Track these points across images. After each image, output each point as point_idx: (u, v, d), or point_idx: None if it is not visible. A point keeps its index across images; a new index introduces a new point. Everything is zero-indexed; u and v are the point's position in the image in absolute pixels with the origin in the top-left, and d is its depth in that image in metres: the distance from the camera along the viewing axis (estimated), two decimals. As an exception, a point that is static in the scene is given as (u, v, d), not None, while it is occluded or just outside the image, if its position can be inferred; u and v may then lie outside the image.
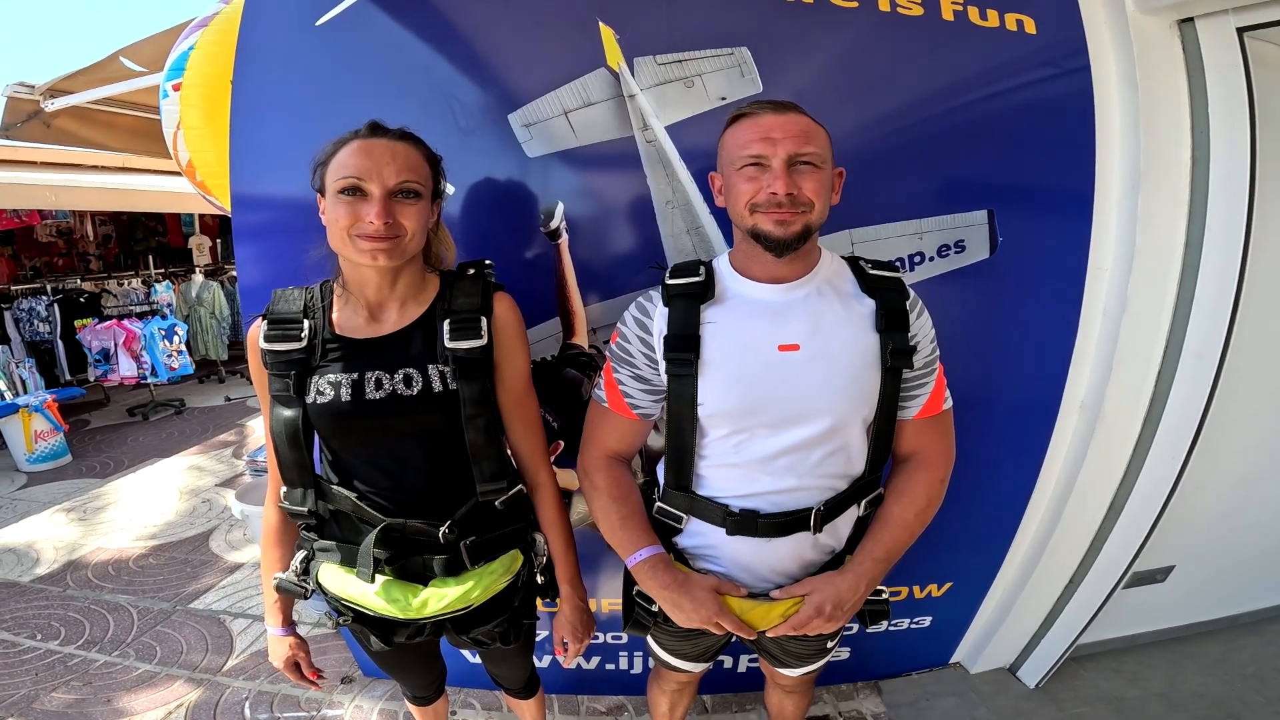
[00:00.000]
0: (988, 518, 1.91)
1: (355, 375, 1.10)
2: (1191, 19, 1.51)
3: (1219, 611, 2.39)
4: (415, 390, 1.11)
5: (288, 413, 1.11)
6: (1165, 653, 2.30)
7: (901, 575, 1.95)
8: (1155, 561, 2.11)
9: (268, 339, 1.12)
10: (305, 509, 1.17)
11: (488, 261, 1.25)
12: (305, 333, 1.12)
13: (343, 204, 1.04)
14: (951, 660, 2.26)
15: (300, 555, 1.25)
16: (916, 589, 1.99)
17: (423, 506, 1.17)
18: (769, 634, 1.19)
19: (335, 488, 1.17)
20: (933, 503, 1.20)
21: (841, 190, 1.17)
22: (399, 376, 1.11)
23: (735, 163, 1.10)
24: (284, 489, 1.19)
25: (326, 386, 1.10)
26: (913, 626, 2.08)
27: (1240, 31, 1.49)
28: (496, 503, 1.21)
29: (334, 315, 1.15)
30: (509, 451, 1.30)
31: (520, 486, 1.25)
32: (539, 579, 1.33)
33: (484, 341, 1.13)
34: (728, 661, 2.09)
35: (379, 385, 1.10)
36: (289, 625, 1.33)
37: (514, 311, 1.19)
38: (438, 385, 1.11)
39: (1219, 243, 1.56)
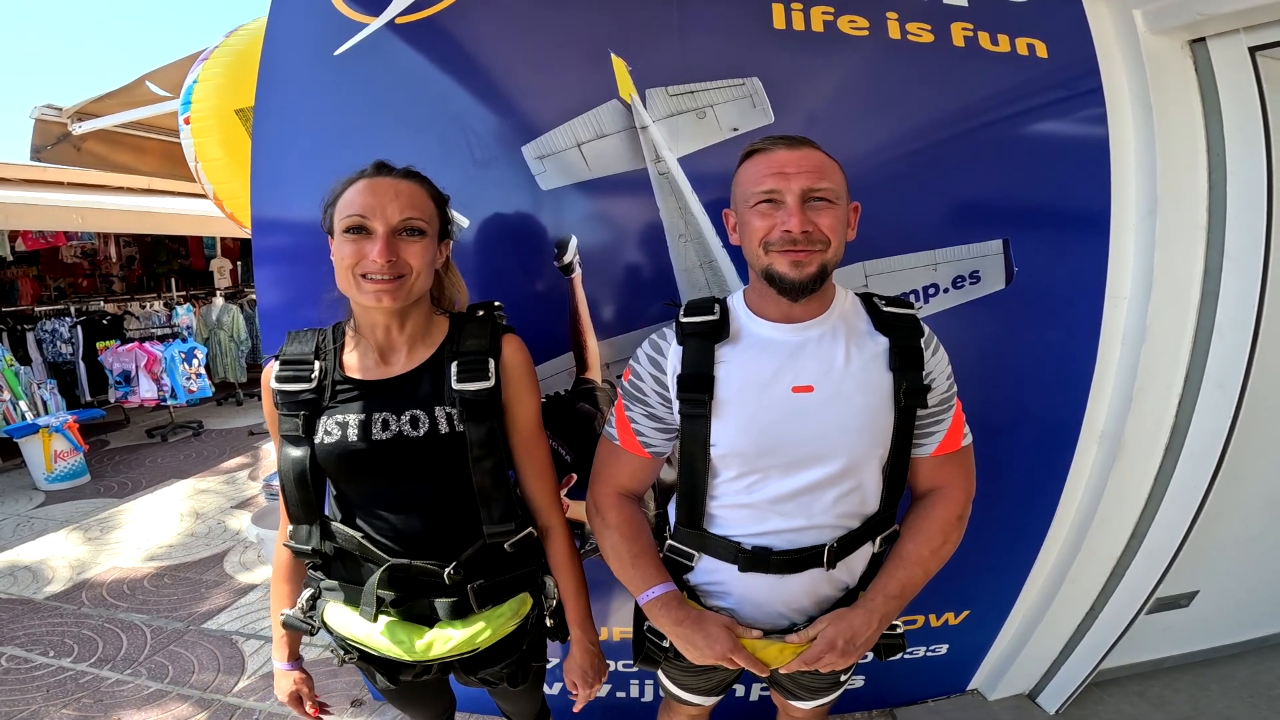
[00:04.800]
0: (1006, 547, 1.88)
1: (363, 416, 1.11)
2: (1203, 39, 1.51)
3: (1245, 634, 2.34)
4: (422, 432, 1.11)
5: (296, 452, 1.12)
6: (1190, 676, 2.26)
7: (918, 604, 1.90)
8: (1179, 586, 2.07)
9: (279, 379, 1.13)
10: (310, 547, 1.17)
11: (497, 303, 1.26)
12: (315, 373, 1.13)
13: (348, 243, 1.06)
14: (969, 687, 2.22)
15: (307, 593, 1.25)
16: (933, 617, 1.95)
17: (429, 547, 1.16)
18: (782, 670, 1.17)
19: (341, 526, 1.16)
20: (949, 540, 1.18)
21: (857, 226, 1.16)
22: (406, 418, 1.11)
23: (749, 199, 1.08)
24: (290, 527, 1.19)
25: (334, 426, 1.11)
26: (929, 654, 2.04)
27: (1253, 51, 1.48)
28: (506, 545, 1.19)
29: (345, 357, 1.16)
30: (519, 494, 1.28)
31: (530, 529, 1.23)
32: (548, 622, 1.31)
33: (491, 384, 1.12)
34: (740, 690, 2.06)
35: (385, 426, 1.10)
36: (295, 660, 1.33)
37: (522, 353, 1.19)
38: (444, 427, 1.11)
39: (1238, 268, 1.55)
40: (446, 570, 1.14)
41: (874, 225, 1.51)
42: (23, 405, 4.86)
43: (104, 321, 6.05)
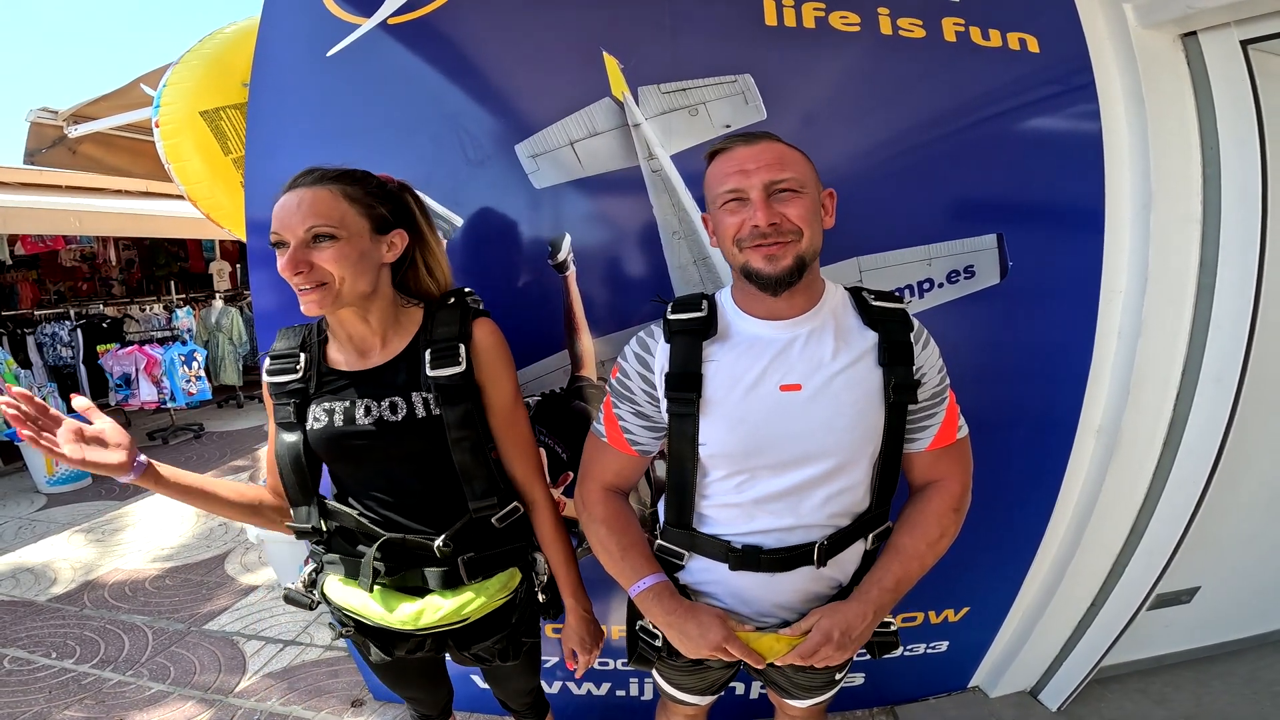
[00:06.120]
0: (1005, 543, 1.87)
1: (347, 403, 1.18)
2: (1194, 33, 1.51)
3: (1247, 630, 2.34)
4: (400, 416, 1.17)
5: (290, 438, 1.20)
6: (1192, 673, 2.25)
7: (917, 601, 1.93)
8: (1180, 583, 2.07)
9: (270, 372, 1.23)
10: (310, 526, 1.24)
11: (468, 290, 1.30)
12: (301, 365, 1.21)
13: (279, 258, 1.10)
14: (970, 684, 2.22)
15: (309, 568, 1.33)
16: (933, 614, 1.96)
17: (418, 522, 1.23)
18: (778, 663, 1.16)
19: (337, 504, 1.25)
20: (946, 533, 1.17)
21: (835, 212, 1.14)
22: (385, 404, 1.17)
23: (717, 200, 1.09)
24: (291, 509, 1.26)
25: (322, 413, 1.19)
26: (929, 651, 2.05)
27: (1244, 44, 1.48)
28: (494, 520, 1.25)
29: (329, 350, 1.24)
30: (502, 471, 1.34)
31: (516, 504, 1.29)
32: (540, 597, 1.36)
33: (462, 368, 1.17)
34: (740, 688, 2.06)
35: (368, 412, 1.17)
36: None
37: (494, 336, 1.23)
38: (421, 411, 1.17)
39: (1234, 261, 1.54)
40: (436, 543, 1.20)
41: (868, 220, 1.52)
42: (24, 409, 4.86)
43: (104, 325, 6.06)
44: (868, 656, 1.26)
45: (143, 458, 1.13)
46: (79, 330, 5.83)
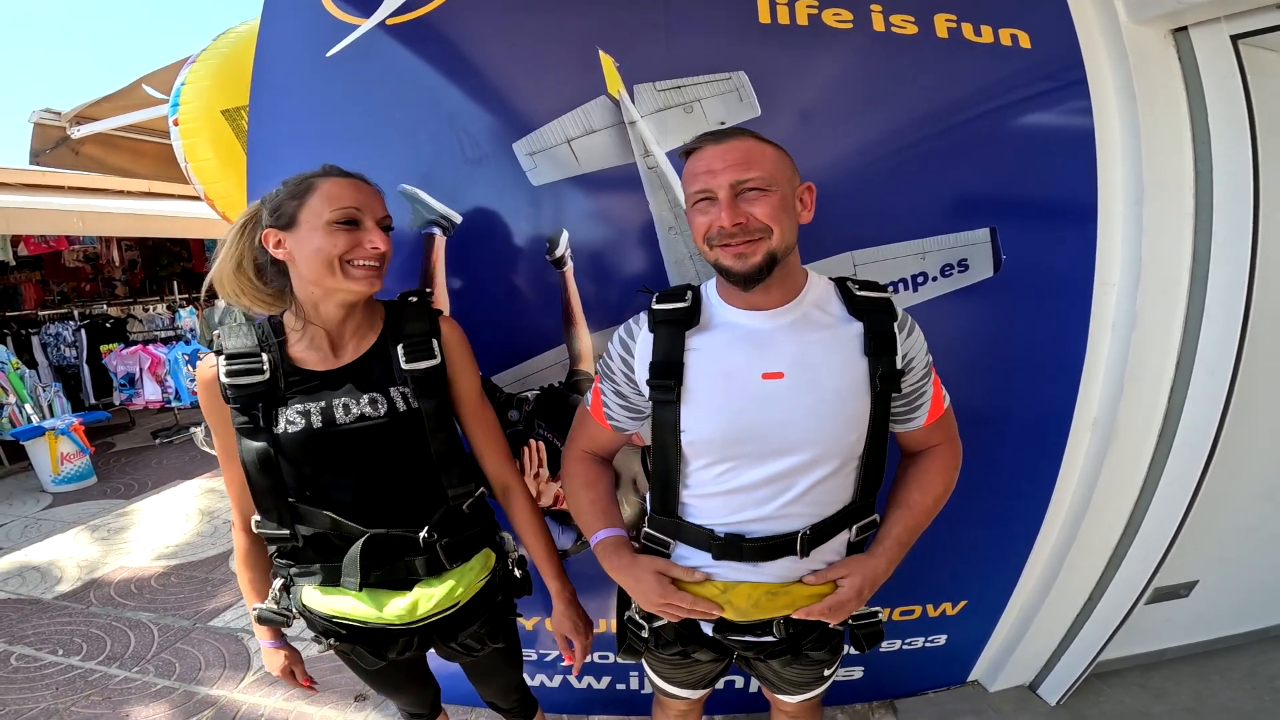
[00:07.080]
0: (1001, 536, 1.88)
1: (324, 404, 1.16)
2: (1185, 28, 1.51)
3: (1247, 625, 2.34)
4: (382, 411, 1.18)
5: (256, 444, 1.14)
6: (1192, 667, 2.26)
7: (915, 594, 1.93)
8: (1178, 576, 2.08)
9: (230, 374, 1.14)
10: (286, 532, 1.21)
11: (428, 289, 1.34)
12: (266, 366, 1.15)
13: (341, 233, 1.11)
14: (969, 678, 2.23)
15: (277, 583, 1.29)
16: (930, 607, 1.96)
17: (398, 516, 1.23)
18: (795, 615, 1.16)
19: (311, 509, 1.20)
20: (948, 489, 1.23)
21: (815, 205, 1.13)
22: (365, 401, 1.17)
23: (689, 200, 1.11)
24: (257, 516, 1.22)
25: (296, 416, 1.15)
26: (928, 645, 2.06)
27: (1234, 39, 1.49)
28: (464, 506, 1.28)
29: (291, 349, 1.19)
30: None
31: (481, 489, 1.32)
32: (516, 573, 1.39)
33: (437, 361, 1.22)
34: (739, 682, 2.07)
35: (347, 410, 1.16)
36: (279, 638, 1.39)
37: (458, 332, 1.29)
38: (401, 405, 1.19)
39: (1226, 254, 1.55)
40: (421, 534, 1.22)
41: (862, 215, 1.53)
42: (28, 408, 4.91)
43: (107, 325, 6.10)
44: (856, 651, 1.27)
45: None
46: (83, 330, 5.87)
